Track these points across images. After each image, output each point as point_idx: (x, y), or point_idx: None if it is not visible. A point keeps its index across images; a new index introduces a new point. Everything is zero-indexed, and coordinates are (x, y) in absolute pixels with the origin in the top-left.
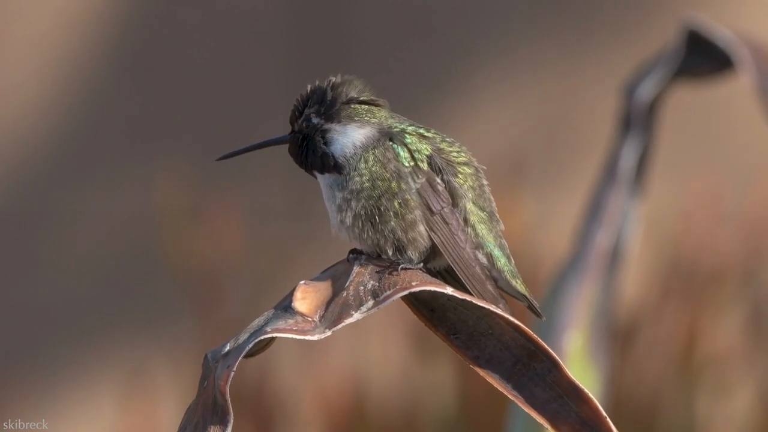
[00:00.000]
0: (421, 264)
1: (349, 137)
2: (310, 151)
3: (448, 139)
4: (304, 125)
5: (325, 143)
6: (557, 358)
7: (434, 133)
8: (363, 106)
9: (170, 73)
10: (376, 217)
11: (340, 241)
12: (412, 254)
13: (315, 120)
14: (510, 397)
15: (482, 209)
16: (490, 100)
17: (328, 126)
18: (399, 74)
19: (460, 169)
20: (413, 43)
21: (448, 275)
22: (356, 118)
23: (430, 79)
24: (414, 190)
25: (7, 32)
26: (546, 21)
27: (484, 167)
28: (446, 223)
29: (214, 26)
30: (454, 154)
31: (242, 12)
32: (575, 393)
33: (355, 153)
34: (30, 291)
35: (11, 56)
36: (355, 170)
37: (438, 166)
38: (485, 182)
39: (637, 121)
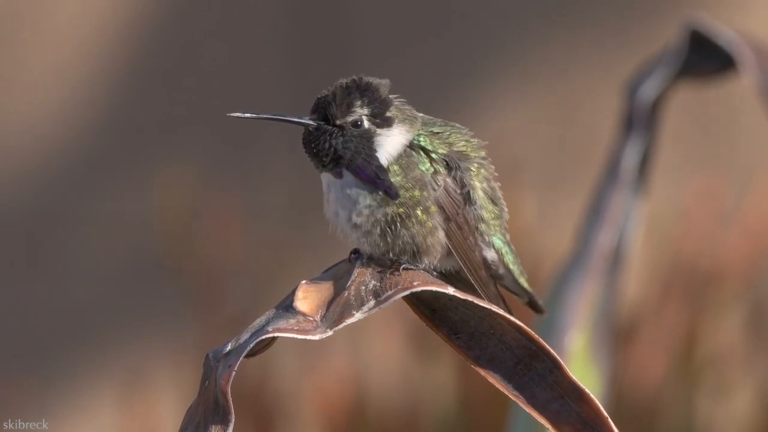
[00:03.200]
0: (423, 265)
1: (392, 144)
2: (353, 152)
3: (455, 128)
4: (352, 125)
5: (374, 151)
6: (558, 358)
7: (442, 125)
8: (404, 110)
9: (171, 73)
10: (398, 224)
11: (340, 241)
12: (426, 259)
13: (366, 124)
14: (511, 397)
15: (494, 202)
16: (490, 100)
17: (379, 131)
18: (400, 75)
19: (473, 158)
20: (414, 45)
21: (449, 275)
22: (399, 124)
23: (430, 79)
24: (434, 198)
25: (10, 35)
26: (547, 20)
27: (486, 142)
28: (460, 228)
29: (216, 27)
30: (463, 143)
31: (244, 13)
32: (576, 393)
33: (390, 162)
34: (30, 291)
35: (14, 61)
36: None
37: (454, 164)
38: (492, 167)
39: (640, 120)
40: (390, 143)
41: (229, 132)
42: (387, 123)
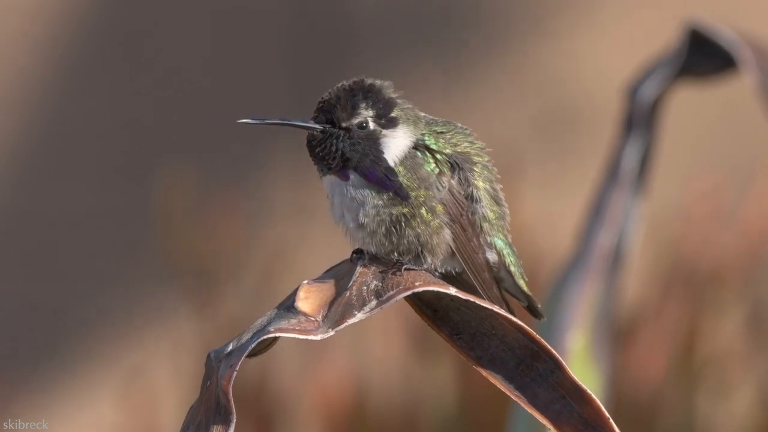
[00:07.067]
0: (426, 265)
1: (398, 145)
2: (361, 155)
3: (457, 128)
4: (357, 127)
5: (381, 152)
6: (560, 358)
7: (444, 125)
8: (408, 110)
9: (170, 71)
10: (402, 223)
11: (342, 241)
12: (431, 259)
13: (372, 126)
14: (513, 397)
15: (497, 203)
16: (490, 99)
17: (384, 132)
18: (398, 72)
19: (476, 159)
20: (413, 44)
21: (451, 277)
22: (403, 124)
23: (429, 78)
24: (439, 198)
25: (6, 27)
26: (546, 19)
27: (491, 149)
28: (464, 230)
29: (215, 25)
30: (467, 143)
31: (242, 10)
32: (578, 394)
33: (396, 163)
34: (30, 290)
35: (8, 52)
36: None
37: (458, 164)
38: (495, 170)
39: (640, 120)
40: (395, 144)
41: (230, 131)
42: (392, 124)
